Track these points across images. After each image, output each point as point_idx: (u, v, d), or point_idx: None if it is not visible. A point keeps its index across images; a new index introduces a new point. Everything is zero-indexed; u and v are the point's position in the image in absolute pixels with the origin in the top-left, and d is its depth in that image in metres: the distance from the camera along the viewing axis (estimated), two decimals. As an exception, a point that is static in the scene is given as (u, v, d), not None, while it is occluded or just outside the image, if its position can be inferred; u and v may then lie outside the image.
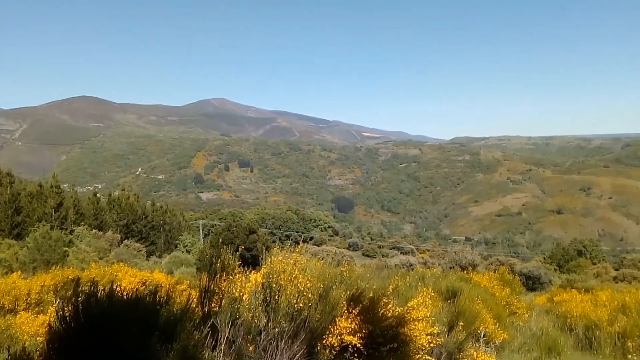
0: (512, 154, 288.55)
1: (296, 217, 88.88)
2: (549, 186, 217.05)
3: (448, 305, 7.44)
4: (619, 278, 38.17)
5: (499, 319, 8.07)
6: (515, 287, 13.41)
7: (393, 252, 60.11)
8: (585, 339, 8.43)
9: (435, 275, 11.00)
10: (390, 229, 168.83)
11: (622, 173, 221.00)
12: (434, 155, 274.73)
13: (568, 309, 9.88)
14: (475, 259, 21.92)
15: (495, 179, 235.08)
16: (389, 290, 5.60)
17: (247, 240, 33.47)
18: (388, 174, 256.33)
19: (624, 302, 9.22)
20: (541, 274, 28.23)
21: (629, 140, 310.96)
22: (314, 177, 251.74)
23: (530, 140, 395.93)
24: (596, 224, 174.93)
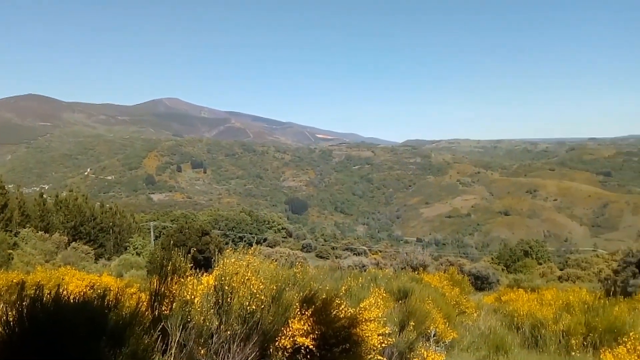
0: (461, 157, 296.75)
1: (250, 218, 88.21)
2: (497, 188, 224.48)
3: (399, 305, 7.55)
4: (564, 278, 39.84)
5: (449, 318, 8.26)
6: (464, 287, 13.78)
7: (346, 253, 60.44)
8: (532, 337, 8.70)
9: (387, 276, 11.16)
10: (344, 231, 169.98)
11: (566, 176, 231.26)
12: (386, 158, 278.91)
13: (515, 308, 10.19)
14: (426, 259, 22.35)
15: (445, 181, 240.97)
16: (342, 292, 5.64)
17: (199, 242, 32.84)
18: (341, 175, 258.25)
19: (568, 301, 9.57)
20: (489, 273, 29.06)
21: (573, 145, 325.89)
22: (268, 179, 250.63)
23: (479, 144, 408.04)
24: (542, 225, 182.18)
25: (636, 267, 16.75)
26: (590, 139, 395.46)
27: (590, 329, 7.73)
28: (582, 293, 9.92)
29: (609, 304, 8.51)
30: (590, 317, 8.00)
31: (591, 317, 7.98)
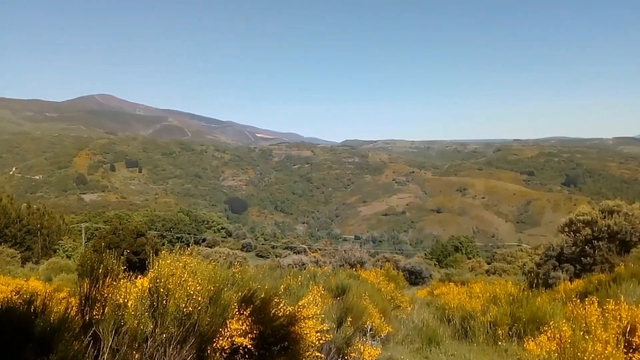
0: (397, 157, 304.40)
1: (188, 218, 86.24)
2: (430, 187, 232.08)
3: (338, 302, 7.68)
4: (491, 271, 41.77)
5: (385, 313, 8.49)
6: (399, 282, 14.15)
7: (286, 252, 60.46)
8: (462, 329, 9.08)
9: (325, 274, 11.31)
10: (284, 230, 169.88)
11: (493, 175, 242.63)
12: (326, 157, 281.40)
13: (446, 301, 10.59)
14: (363, 256, 22.75)
15: (382, 180, 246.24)
16: (281, 290, 5.68)
17: (134, 243, 31.80)
18: (281, 175, 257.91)
19: (495, 293, 10.04)
20: (422, 269, 29.99)
21: (499, 145, 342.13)
22: (207, 178, 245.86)
23: (413, 144, 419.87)
24: (471, 222, 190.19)
25: (556, 261, 17.83)
26: (515, 140, 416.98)
27: (515, 319, 8.19)
28: (507, 286, 10.45)
29: (532, 296, 9.04)
30: (515, 308, 8.47)
31: (516, 308, 8.45)
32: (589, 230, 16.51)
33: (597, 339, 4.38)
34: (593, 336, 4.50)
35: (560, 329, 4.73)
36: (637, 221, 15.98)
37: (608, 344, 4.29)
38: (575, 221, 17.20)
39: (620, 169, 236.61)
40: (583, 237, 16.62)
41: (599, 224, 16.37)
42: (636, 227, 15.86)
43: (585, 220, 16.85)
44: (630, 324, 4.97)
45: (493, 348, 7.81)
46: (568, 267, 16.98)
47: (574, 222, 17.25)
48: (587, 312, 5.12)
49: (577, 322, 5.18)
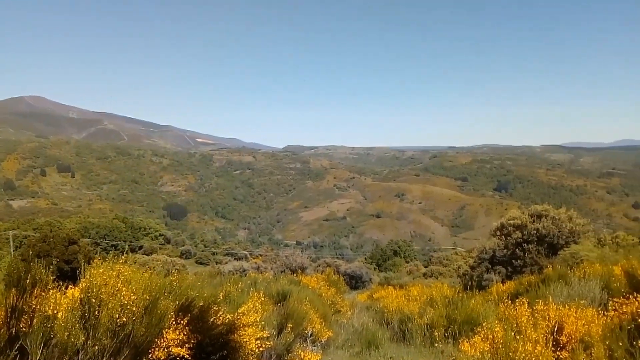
0: (337, 163, 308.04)
1: (124, 225, 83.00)
2: (370, 192, 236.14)
3: (278, 308, 7.63)
4: (428, 274, 42.94)
5: (325, 318, 8.52)
6: (340, 287, 14.26)
7: (227, 258, 59.64)
8: (400, 331, 9.24)
9: (266, 280, 11.22)
10: (225, 236, 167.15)
11: (429, 181, 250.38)
12: (267, 163, 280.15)
13: (385, 305, 10.75)
14: (304, 262, 22.77)
15: (323, 186, 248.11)
16: (220, 298, 5.58)
17: (66, 252, 30.23)
18: (222, 180, 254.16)
19: (431, 296, 10.30)
20: (363, 273, 30.35)
21: (435, 152, 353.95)
22: (144, 184, 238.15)
23: (353, 150, 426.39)
24: (409, 226, 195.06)
25: (489, 263, 18.56)
26: (450, 147, 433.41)
27: (451, 321, 8.43)
28: (443, 288, 10.76)
29: (467, 298, 9.35)
30: (450, 310, 8.72)
31: (451, 310, 8.70)
32: (519, 233, 17.31)
33: (527, 339, 4.58)
34: (524, 336, 4.70)
35: (492, 329, 4.90)
36: (563, 225, 16.91)
37: (538, 343, 4.48)
38: (506, 225, 17.99)
39: (547, 176, 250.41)
40: (514, 240, 17.40)
41: (528, 228, 17.20)
42: (563, 231, 16.78)
43: (515, 224, 17.66)
44: (558, 323, 5.22)
45: (430, 350, 8.00)
46: (500, 269, 17.71)
47: (505, 226, 18.04)
48: (518, 312, 5.34)
49: (508, 322, 5.39)
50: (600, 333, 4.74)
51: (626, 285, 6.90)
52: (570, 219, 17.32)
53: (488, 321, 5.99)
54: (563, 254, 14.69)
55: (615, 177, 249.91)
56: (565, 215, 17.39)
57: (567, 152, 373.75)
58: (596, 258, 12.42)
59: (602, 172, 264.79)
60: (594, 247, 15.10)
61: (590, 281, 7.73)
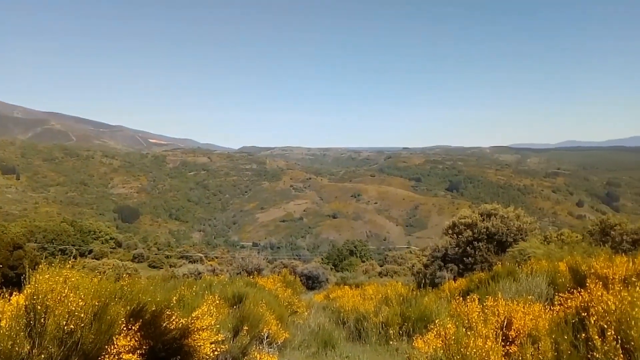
0: (294, 164, 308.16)
1: (72, 229, 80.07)
2: (326, 193, 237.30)
3: (234, 311, 7.55)
4: (383, 273, 43.57)
5: (282, 319, 8.48)
6: (296, 288, 14.25)
7: (181, 261, 58.65)
8: (356, 330, 9.32)
9: (222, 282, 11.07)
10: (179, 238, 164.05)
11: (384, 181, 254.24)
12: (222, 164, 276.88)
13: (342, 304, 10.80)
14: (261, 263, 22.66)
15: (279, 187, 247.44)
16: (174, 302, 5.47)
17: (10, 257, 28.92)
18: (176, 181, 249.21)
19: (386, 294, 10.43)
20: (319, 273, 30.42)
21: (390, 153, 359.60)
22: (94, 186, 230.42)
23: (309, 151, 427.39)
24: (364, 226, 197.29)
25: (442, 261, 18.99)
26: (404, 148, 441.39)
27: (405, 318, 8.57)
28: (398, 286, 10.93)
29: (420, 295, 9.54)
30: (405, 308, 8.86)
31: (406, 308, 8.85)
32: (470, 232, 17.79)
33: (478, 334, 4.70)
34: (475, 332, 4.83)
35: (445, 326, 5.02)
36: (511, 223, 17.48)
37: (488, 338, 4.61)
38: (458, 224, 18.45)
39: (496, 175, 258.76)
40: (465, 238, 17.87)
41: (478, 226, 17.70)
42: (511, 229, 17.35)
43: (466, 223, 18.14)
44: (507, 318, 5.39)
45: (385, 347, 8.11)
46: (452, 267, 18.15)
47: (457, 224, 18.50)
48: (469, 309, 5.47)
49: (460, 319, 5.52)
50: (546, 327, 4.92)
51: (571, 281, 7.19)
52: (518, 217, 17.94)
53: (440, 318, 6.12)
54: (511, 251, 15.17)
55: (560, 177, 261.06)
56: (513, 214, 17.99)
57: (515, 153, 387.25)
58: (543, 255, 12.89)
59: (547, 172, 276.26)
60: (541, 244, 15.67)
61: (537, 277, 8.02)
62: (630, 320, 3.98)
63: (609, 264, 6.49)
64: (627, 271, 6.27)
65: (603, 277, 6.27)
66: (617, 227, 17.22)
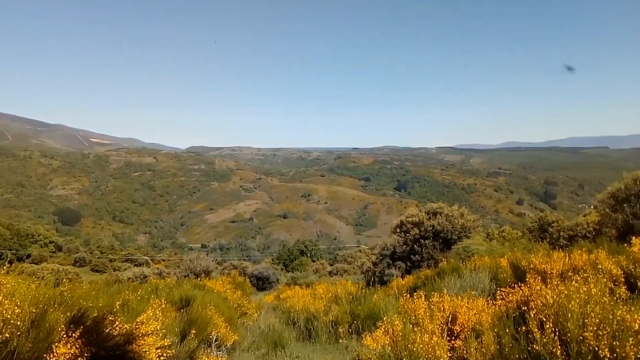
0: (244, 164, 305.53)
1: (9, 232, 75.96)
2: (276, 193, 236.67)
3: (181, 314, 7.39)
4: (334, 272, 43.87)
5: (231, 321, 8.37)
6: (246, 289, 14.11)
7: (126, 264, 56.95)
8: (306, 330, 9.33)
9: (169, 286, 10.81)
10: (123, 241, 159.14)
11: (334, 181, 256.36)
12: (169, 164, 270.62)
13: (292, 304, 10.79)
14: (209, 265, 22.29)
15: (229, 187, 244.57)
16: (117, 307, 5.30)
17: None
18: (120, 182, 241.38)
19: (336, 293, 10.51)
20: (270, 274, 30.31)
21: (339, 153, 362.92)
22: (32, 187, 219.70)
23: (259, 151, 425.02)
24: (315, 226, 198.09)
25: (390, 259, 19.31)
26: (354, 148, 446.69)
27: (355, 316, 8.67)
28: (347, 285, 11.02)
29: (369, 293, 9.66)
30: (354, 306, 8.96)
31: (355, 306, 8.94)
32: (417, 230, 18.19)
33: (424, 330, 4.82)
34: (421, 327, 4.94)
35: (392, 323, 5.10)
36: (456, 221, 18.00)
37: (434, 333, 4.73)
38: (405, 222, 18.83)
39: (442, 175, 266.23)
40: (412, 236, 18.26)
41: (425, 225, 18.12)
42: (455, 226, 17.87)
43: (413, 221, 18.53)
44: (452, 313, 5.54)
45: (335, 346, 8.17)
46: (400, 265, 18.49)
47: (404, 223, 18.87)
48: (416, 305, 5.59)
49: (407, 315, 5.63)
50: (489, 321, 5.09)
51: (512, 276, 7.48)
52: (462, 215, 18.51)
53: (389, 315, 6.23)
54: (456, 248, 15.62)
55: (501, 176, 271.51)
56: (457, 212, 18.54)
57: (460, 154, 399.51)
58: (485, 251, 13.35)
59: (489, 172, 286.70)
60: (483, 241, 16.22)
61: (480, 273, 8.28)
62: (567, 313, 4.17)
63: (547, 260, 6.79)
64: (564, 266, 6.58)
65: (542, 272, 6.55)
66: (554, 224, 18.06)
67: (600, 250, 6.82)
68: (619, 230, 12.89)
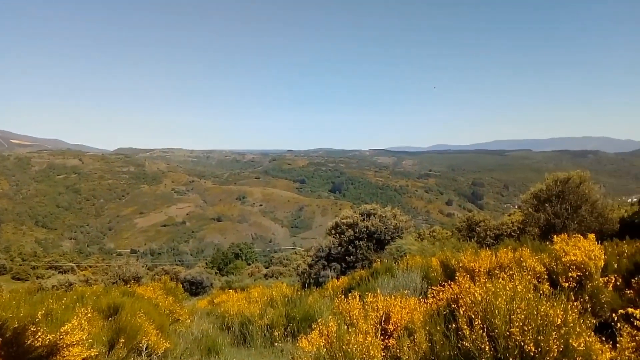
0: (176, 166, 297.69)
1: None
2: (210, 196, 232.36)
3: (109, 323, 7.10)
4: (269, 275, 43.68)
5: (162, 328, 8.12)
6: (178, 295, 13.74)
7: (50, 272, 54.09)
8: (241, 334, 9.22)
9: (96, 293, 10.35)
10: (47, 247, 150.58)
11: (269, 183, 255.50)
12: (96, 166, 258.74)
13: (226, 309, 10.61)
14: (139, 271, 21.57)
15: (160, 190, 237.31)
16: (39, 317, 5.01)
17: None
18: (43, 186, 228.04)
19: (272, 296, 10.46)
20: (203, 278, 29.78)
21: (274, 156, 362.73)
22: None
23: (192, 153, 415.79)
24: (250, 229, 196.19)
25: (325, 260, 19.48)
26: (289, 151, 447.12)
27: (290, 319, 8.66)
28: (283, 287, 11.00)
29: (305, 295, 9.69)
30: (289, 308, 8.95)
31: (290, 308, 8.94)
32: (351, 231, 18.47)
33: (359, 330, 4.89)
34: (356, 328, 5.01)
35: (327, 324, 5.14)
36: (389, 222, 18.44)
37: (368, 333, 4.81)
38: (340, 224, 19.06)
39: (375, 177, 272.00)
40: (347, 238, 18.52)
41: (359, 226, 18.43)
42: (388, 227, 18.29)
43: (348, 222, 18.80)
44: (385, 313, 5.66)
45: (270, 350, 8.13)
46: (335, 266, 18.70)
47: (339, 224, 19.11)
48: (351, 306, 5.66)
49: (342, 316, 5.69)
50: (421, 320, 5.24)
51: (442, 274, 7.74)
52: (395, 216, 18.99)
53: (324, 317, 6.27)
54: (389, 248, 16.00)
55: (431, 178, 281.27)
56: (390, 213, 18.99)
57: (392, 156, 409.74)
58: (417, 251, 13.77)
59: (420, 174, 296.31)
60: (415, 241, 16.73)
61: (412, 272, 8.52)
62: (494, 309, 4.36)
63: (475, 258, 7.07)
64: (490, 264, 6.88)
65: (470, 270, 6.82)
66: (481, 224, 18.89)
67: (524, 248, 7.17)
68: (542, 228, 13.70)
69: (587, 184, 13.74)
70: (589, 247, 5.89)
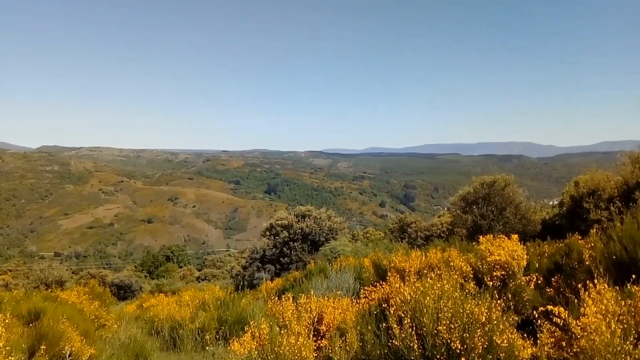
0: (104, 166, 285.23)
1: None
2: (140, 197, 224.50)
3: (30, 329, 6.73)
4: (202, 277, 42.87)
5: (87, 334, 7.79)
6: (105, 299, 13.22)
7: (-39, 278, 50.24)
8: (171, 339, 9.01)
9: (15, 298, 9.77)
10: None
11: (203, 184, 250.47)
12: (17, 165, 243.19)
13: (155, 313, 10.33)
14: (63, 274, 20.56)
15: (86, 191, 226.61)
16: (-52, 326, 4.67)
17: None
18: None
19: (204, 299, 10.28)
20: (132, 282, 28.83)
21: (208, 156, 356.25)
22: None
23: (122, 153, 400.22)
24: (182, 231, 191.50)
25: (260, 262, 19.40)
26: (223, 151, 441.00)
27: (222, 322, 8.55)
28: (216, 290, 10.86)
29: (238, 298, 9.60)
30: (222, 311, 8.84)
31: (223, 311, 8.83)
32: (286, 233, 18.49)
33: (291, 332, 4.91)
34: (289, 329, 5.03)
35: (260, 326, 5.12)
36: (324, 223, 18.62)
37: (300, 335, 4.84)
38: (275, 225, 19.04)
39: (310, 179, 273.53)
40: (282, 239, 18.53)
41: (294, 227, 18.50)
42: (323, 228, 18.47)
43: (283, 224, 18.82)
44: (318, 314, 5.72)
45: (201, 354, 8.00)
46: (270, 268, 18.65)
47: (274, 226, 19.09)
48: (284, 307, 5.67)
49: (275, 318, 5.70)
50: (353, 320, 5.33)
51: (374, 275, 7.92)
52: (330, 217, 19.22)
53: (256, 319, 6.24)
54: (323, 249, 16.17)
55: (365, 180, 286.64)
56: (325, 215, 19.20)
57: (327, 158, 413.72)
58: (351, 252, 13.99)
59: (355, 176, 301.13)
60: (349, 242, 16.99)
61: (345, 273, 8.66)
62: (423, 308, 4.52)
63: (406, 258, 7.29)
64: (420, 264, 7.11)
65: (401, 270, 7.02)
66: (413, 225, 19.47)
67: (452, 248, 7.47)
68: (469, 230, 14.32)
69: (511, 187, 14.52)
70: (512, 247, 6.20)
